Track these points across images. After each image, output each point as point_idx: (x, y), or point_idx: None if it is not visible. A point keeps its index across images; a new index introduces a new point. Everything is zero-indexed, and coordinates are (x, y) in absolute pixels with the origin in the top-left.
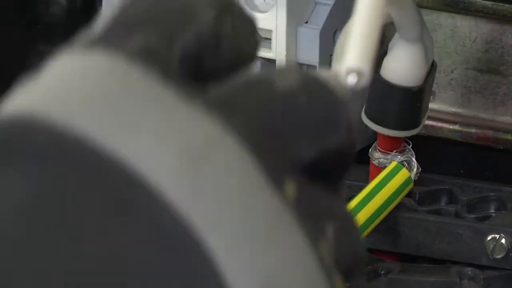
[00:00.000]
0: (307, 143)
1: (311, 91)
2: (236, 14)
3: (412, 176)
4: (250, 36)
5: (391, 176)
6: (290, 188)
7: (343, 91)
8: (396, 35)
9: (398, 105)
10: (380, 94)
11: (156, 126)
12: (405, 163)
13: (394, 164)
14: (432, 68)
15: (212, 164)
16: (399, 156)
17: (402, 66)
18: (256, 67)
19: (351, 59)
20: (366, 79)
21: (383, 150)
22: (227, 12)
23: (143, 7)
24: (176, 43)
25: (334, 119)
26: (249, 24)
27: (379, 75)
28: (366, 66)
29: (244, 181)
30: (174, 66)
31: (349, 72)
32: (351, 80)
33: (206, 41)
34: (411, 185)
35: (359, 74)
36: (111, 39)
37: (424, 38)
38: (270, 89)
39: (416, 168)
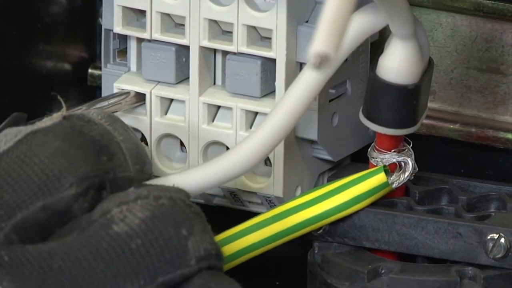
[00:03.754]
0: (142, 283)
1: (150, 229)
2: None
3: (404, 177)
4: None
5: (366, 178)
6: None
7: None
8: (391, 34)
9: (394, 103)
10: (376, 93)
11: None
12: (402, 163)
13: (379, 167)
14: (429, 66)
15: None
16: (396, 156)
17: (396, 64)
18: (257, 68)
19: (317, 43)
20: (330, 62)
21: (380, 149)
22: (86, 192)
23: (0, 172)
24: (16, 214)
25: (177, 253)
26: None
27: (375, 74)
28: (330, 50)
29: None
30: (6, 232)
31: (314, 55)
32: (315, 63)
33: (58, 213)
34: (387, 189)
35: (323, 57)
36: None
37: (418, 35)
38: (105, 233)
39: (411, 169)
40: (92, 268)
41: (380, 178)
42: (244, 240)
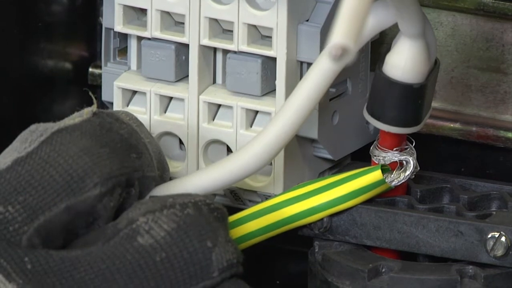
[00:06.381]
0: None
1: (175, 242)
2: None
3: (405, 176)
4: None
5: (362, 174)
6: None
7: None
8: (400, 32)
9: (399, 101)
10: (382, 90)
11: None
12: (403, 162)
13: (378, 165)
14: (435, 66)
15: None
16: (398, 155)
17: (403, 63)
18: (258, 67)
19: (337, 35)
20: (350, 55)
21: (383, 148)
22: (112, 191)
23: (24, 174)
24: (39, 216)
25: (200, 267)
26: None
27: (381, 71)
28: (350, 42)
29: None
30: (29, 236)
31: (334, 47)
32: (336, 55)
33: (81, 214)
34: (384, 186)
35: (344, 49)
36: None
37: (426, 35)
38: (129, 244)
39: (412, 168)
40: (114, 280)
41: (376, 175)
42: (239, 229)
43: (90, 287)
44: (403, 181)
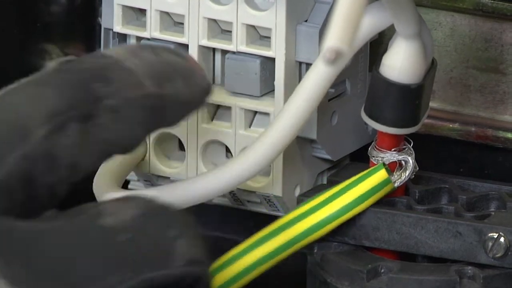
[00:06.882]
0: (124, 277)
1: (140, 227)
2: (74, 129)
3: (405, 176)
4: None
5: (366, 177)
6: None
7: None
8: (396, 33)
9: (396, 102)
10: (379, 91)
11: None
12: (402, 162)
13: (378, 164)
14: (432, 66)
15: None
16: (396, 155)
17: (400, 63)
18: (256, 67)
19: (331, 38)
20: (344, 58)
21: (381, 148)
22: (62, 127)
23: None
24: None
25: (163, 254)
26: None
27: (378, 72)
28: (344, 45)
29: None
30: None
31: (328, 50)
32: (330, 58)
33: (37, 159)
34: (389, 186)
35: (337, 53)
36: None
37: (422, 35)
38: (93, 223)
39: (412, 168)
40: (75, 257)
41: (381, 175)
42: (250, 256)
43: (52, 260)
44: (404, 180)
